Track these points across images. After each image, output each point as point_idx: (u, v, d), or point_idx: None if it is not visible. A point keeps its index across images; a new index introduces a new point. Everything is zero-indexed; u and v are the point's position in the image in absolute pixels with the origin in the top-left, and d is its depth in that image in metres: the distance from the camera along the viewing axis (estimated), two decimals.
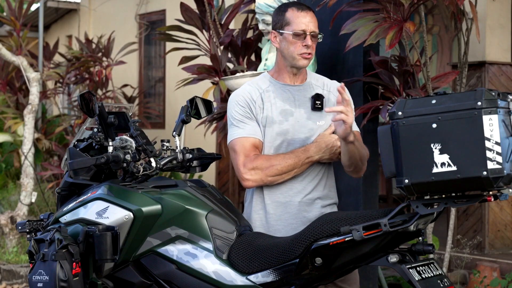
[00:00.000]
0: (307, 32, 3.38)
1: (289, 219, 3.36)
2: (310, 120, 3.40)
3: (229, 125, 3.44)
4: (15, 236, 7.66)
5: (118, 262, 3.13)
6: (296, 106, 3.42)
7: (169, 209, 3.15)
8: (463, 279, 6.02)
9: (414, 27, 4.27)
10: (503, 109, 2.65)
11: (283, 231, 3.34)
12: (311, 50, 3.40)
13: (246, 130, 3.38)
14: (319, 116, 3.41)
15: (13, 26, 9.22)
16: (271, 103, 3.42)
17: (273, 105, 3.42)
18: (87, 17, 11.79)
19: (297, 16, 3.41)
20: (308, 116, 3.41)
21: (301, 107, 3.42)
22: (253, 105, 3.41)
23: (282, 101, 3.43)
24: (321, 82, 3.51)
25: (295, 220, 3.36)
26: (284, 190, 3.37)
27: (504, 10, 6.69)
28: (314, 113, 3.41)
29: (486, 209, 6.46)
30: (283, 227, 3.36)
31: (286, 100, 3.43)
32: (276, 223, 3.38)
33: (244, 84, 3.55)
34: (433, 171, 2.69)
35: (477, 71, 6.52)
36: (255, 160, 3.33)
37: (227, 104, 3.48)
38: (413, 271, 2.86)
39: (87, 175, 3.34)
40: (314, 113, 3.41)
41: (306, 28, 3.38)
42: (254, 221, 3.42)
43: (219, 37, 5.50)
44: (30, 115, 8.01)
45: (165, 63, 10.29)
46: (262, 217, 3.41)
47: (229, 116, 3.43)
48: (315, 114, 3.41)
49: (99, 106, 3.21)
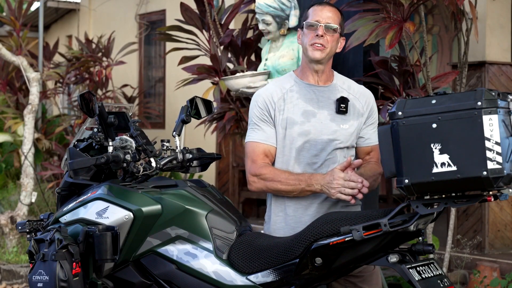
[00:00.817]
0: (321, 22, 3.37)
1: (309, 221, 3.32)
2: (333, 122, 3.39)
3: (248, 123, 3.50)
4: (15, 236, 7.66)
5: (118, 262, 3.13)
6: (319, 107, 3.41)
7: (169, 209, 3.15)
8: (463, 279, 6.02)
9: (414, 27, 4.28)
10: (503, 109, 2.65)
11: None
12: (324, 42, 3.37)
13: (259, 135, 3.41)
14: (343, 119, 3.40)
15: (13, 26, 9.22)
16: (293, 104, 3.41)
17: (295, 106, 3.41)
18: (87, 17, 11.79)
19: (314, 10, 3.43)
20: (332, 118, 3.40)
21: (325, 109, 3.41)
22: (272, 107, 3.41)
23: (305, 101, 3.42)
24: (347, 85, 3.49)
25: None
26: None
27: (504, 10, 6.68)
28: (338, 115, 3.40)
29: (486, 209, 6.45)
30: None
31: (309, 101, 3.42)
32: (296, 225, 3.36)
33: (269, 83, 3.60)
34: (433, 171, 2.69)
35: (477, 71, 6.52)
36: (261, 169, 3.35)
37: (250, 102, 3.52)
38: (413, 271, 2.86)
39: (87, 175, 3.34)
40: (338, 116, 3.40)
41: (319, 19, 3.38)
42: (274, 223, 3.42)
43: (219, 37, 5.50)
44: (30, 115, 8.01)
45: (165, 63, 10.29)
46: (282, 220, 3.41)
47: (249, 115, 3.49)
48: (339, 117, 3.40)
49: (99, 106, 3.21)
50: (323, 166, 3.38)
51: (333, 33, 3.38)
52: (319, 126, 3.38)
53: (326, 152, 3.38)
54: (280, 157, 3.42)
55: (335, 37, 3.40)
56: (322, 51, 3.38)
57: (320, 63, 3.41)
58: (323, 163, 3.38)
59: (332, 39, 3.39)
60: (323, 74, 3.45)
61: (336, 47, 3.44)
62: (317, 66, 3.42)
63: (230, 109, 5.55)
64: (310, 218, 3.32)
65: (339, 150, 3.40)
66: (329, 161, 3.38)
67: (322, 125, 3.38)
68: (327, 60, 3.42)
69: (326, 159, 3.38)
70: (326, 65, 3.44)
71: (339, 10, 3.47)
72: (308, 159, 3.39)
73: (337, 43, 3.43)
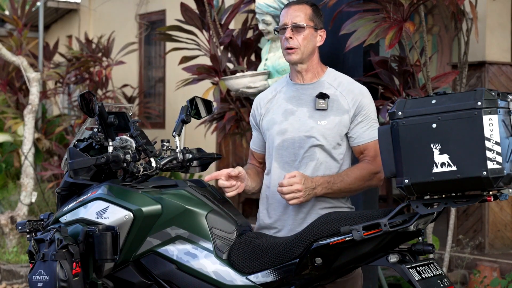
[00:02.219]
0: (288, 24, 3.35)
1: (288, 219, 3.36)
2: (311, 119, 3.34)
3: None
4: (15, 236, 7.66)
5: (118, 262, 3.13)
6: (299, 105, 3.39)
7: (169, 209, 3.15)
8: (463, 279, 6.02)
9: (413, 27, 4.28)
10: (503, 109, 2.65)
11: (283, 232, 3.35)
12: (294, 44, 3.34)
13: (252, 140, 3.57)
14: (321, 115, 3.33)
15: (15, 25, 9.22)
16: (278, 105, 3.43)
17: (279, 107, 3.43)
18: (87, 17, 11.79)
19: (282, 13, 3.42)
20: (310, 115, 3.35)
21: (304, 106, 3.37)
22: (258, 112, 3.49)
23: (286, 100, 3.42)
24: (338, 81, 3.40)
25: (294, 221, 3.35)
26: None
27: (504, 10, 6.69)
28: (317, 112, 3.34)
29: (486, 209, 6.46)
30: (283, 227, 3.37)
31: (291, 99, 3.42)
32: (276, 224, 3.39)
33: (270, 85, 3.62)
34: (433, 171, 2.69)
35: (477, 71, 6.52)
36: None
37: None
38: (413, 271, 2.86)
39: (87, 175, 3.34)
40: (317, 112, 3.34)
41: (286, 21, 3.36)
42: (261, 220, 3.45)
43: (219, 37, 5.50)
44: (30, 115, 8.01)
45: (165, 63, 10.29)
46: (265, 215, 3.44)
47: None
48: (317, 113, 3.34)
49: (99, 106, 3.21)
50: (301, 164, 3.34)
51: (303, 31, 3.34)
52: (297, 124, 3.36)
53: (303, 150, 3.34)
54: (267, 158, 3.48)
55: (306, 35, 3.35)
56: (295, 54, 3.35)
57: (300, 63, 3.39)
58: (301, 161, 3.35)
59: (303, 38, 3.34)
60: (308, 72, 3.42)
61: (312, 42, 3.38)
62: (298, 67, 3.41)
63: (230, 109, 5.56)
64: (289, 217, 3.34)
65: (318, 148, 3.32)
66: (307, 158, 3.34)
67: (300, 123, 3.35)
68: (306, 58, 3.38)
69: (303, 156, 3.34)
70: (308, 63, 3.40)
71: (310, 4, 3.40)
72: (287, 157, 3.37)
73: (311, 39, 3.37)
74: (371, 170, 3.31)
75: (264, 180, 3.46)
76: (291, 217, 3.35)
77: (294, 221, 3.34)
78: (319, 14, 3.42)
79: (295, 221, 3.34)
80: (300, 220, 3.33)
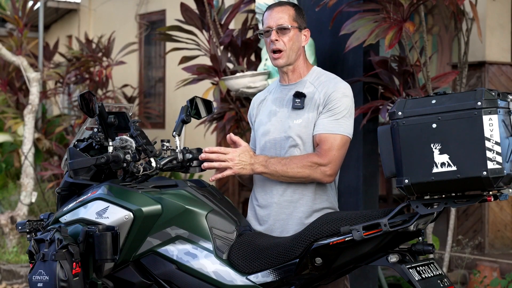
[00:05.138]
0: (272, 27, 3.34)
1: (271, 220, 3.32)
2: (289, 119, 3.33)
3: None
4: (15, 236, 7.66)
5: (118, 262, 3.13)
6: (282, 105, 3.38)
7: (169, 209, 3.15)
8: (463, 279, 6.02)
9: (413, 27, 4.28)
10: (503, 109, 2.65)
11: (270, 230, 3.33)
12: (280, 46, 3.32)
13: (251, 140, 3.55)
14: (297, 114, 3.31)
15: (16, 25, 9.22)
16: (266, 106, 3.45)
17: (266, 108, 3.44)
18: (87, 17, 11.79)
19: (265, 16, 3.40)
20: (289, 115, 3.34)
21: (285, 107, 3.37)
22: (253, 113, 3.52)
23: (272, 102, 3.43)
24: (319, 80, 3.37)
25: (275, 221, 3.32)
26: (265, 193, 3.35)
27: (504, 10, 6.69)
28: (293, 111, 3.33)
29: (486, 209, 6.46)
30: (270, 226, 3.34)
31: (276, 100, 3.42)
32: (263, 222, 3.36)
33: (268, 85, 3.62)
34: (433, 171, 2.69)
35: (477, 71, 6.53)
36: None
37: None
38: (413, 271, 2.86)
39: (87, 175, 3.34)
40: (294, 111, 3.33)
41: (270, 23, 3.35)
42: (248, 218, 3.44)
43: (219, 37, 5.50)
44: (30, 115, 8.01)
45: (165, 63, 10.29)
46: (253, 214, 3.42)
47: None
48: (294, 112, 3.32)
49: (99, 106, 3.21)
50: None
51: (288, 32, 3.33)
52: (278, 125, 3.35)
53: (284, 150, 3.32)
54: None
55: (291, 36, 3.34)
56: (281, 58, 3.34)
57: (286, 65, 3.38)
58: None
59: (289, 39, 3.33)
60: (294, 73, 3.41)
61: (298, 43, 3.36)
62: (284, 69, 3.40)
63: (230, 109, 5.56)
64: (273, 217, 3.31)
65: (296, 148, 3.29)
66: None
67: (281, 123, 3.34)
68: (293, 59, 3.37)
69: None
70: (294, 64, 3.39)
71: (292, 4, 3.39)
72: None
73: (297, 39, 3.35)
74: (314, 160, 3.21)
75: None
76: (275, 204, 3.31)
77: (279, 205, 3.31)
78: (302, 14, 3.42)
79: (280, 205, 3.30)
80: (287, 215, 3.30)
